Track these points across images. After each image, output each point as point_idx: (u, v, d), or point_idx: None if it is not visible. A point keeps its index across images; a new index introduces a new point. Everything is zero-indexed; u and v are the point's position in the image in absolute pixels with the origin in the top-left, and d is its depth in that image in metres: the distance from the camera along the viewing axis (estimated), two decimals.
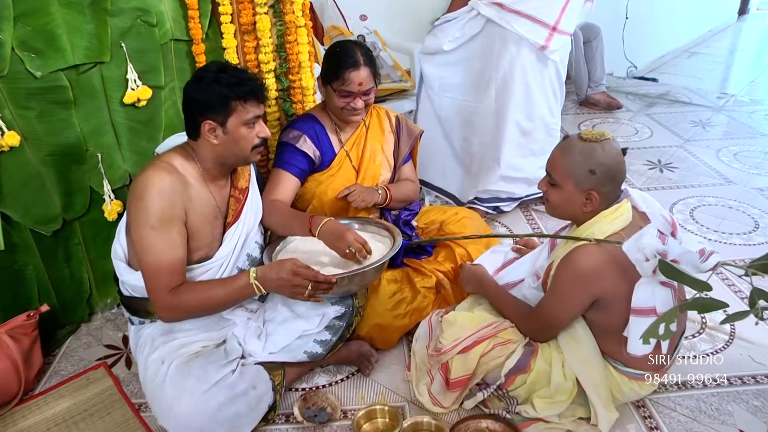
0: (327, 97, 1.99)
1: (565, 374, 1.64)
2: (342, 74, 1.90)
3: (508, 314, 1.76)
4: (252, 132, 1.67)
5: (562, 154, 1.58)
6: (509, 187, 2.82)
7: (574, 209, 1.60)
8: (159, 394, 1.61)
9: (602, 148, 1.53)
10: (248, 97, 1.63)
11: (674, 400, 1.79)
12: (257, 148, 1.70)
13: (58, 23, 1.83)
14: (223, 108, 1.61)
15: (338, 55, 1.93)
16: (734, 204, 2.96)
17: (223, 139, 1.64)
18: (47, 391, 1.92)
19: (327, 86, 1.96)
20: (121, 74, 2.02)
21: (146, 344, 1.72)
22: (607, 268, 1.52)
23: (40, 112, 1.88)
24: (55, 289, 2.12)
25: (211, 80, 1.61)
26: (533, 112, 2.70)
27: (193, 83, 1.65)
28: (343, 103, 1.94)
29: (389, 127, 2.20)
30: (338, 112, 1.99)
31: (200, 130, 1.64)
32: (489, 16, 2.57)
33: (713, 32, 6.93)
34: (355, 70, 1.90)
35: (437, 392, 1.75)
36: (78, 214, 2.08)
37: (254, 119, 1.66)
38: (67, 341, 2.16)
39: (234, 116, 1.63)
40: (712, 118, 4.22)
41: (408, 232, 2.18)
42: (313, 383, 1.92)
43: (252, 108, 1.65)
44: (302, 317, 1.78)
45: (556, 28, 2.54)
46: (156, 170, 1.60)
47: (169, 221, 1.58)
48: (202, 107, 1.62)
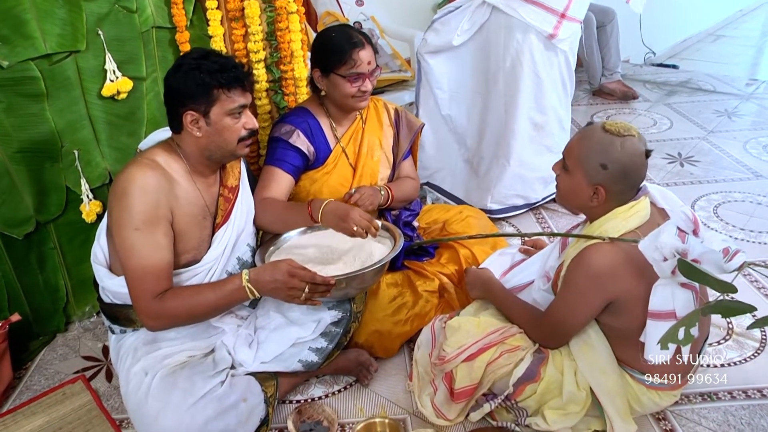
0: (331, 87, 1.99)
1: (578, 383, 1.64)
2: (349, 56, 1.91)
3: (516, 319, 1.76)
4: (238, 123, 1.66)
5: (579, 140, 1.59)
6: (524, 189, 2.81)
7: (580, 201, 1.61)
8: (142, 408, 1.60)
9: (621, 144, 1.51)
10: (232, 85, 1.62)
11: (699, 413, 1.78)
12: (244, 140, 1.69)
13: (26, 7, 1.83)
14: (205, 97, 1.60)
15: (336, 39, 1.94)
16: (764, 200, 2.95)
17: (206, 130, 1.64)
18: (17, 409, 1.91)
19: (330, 75, 1.96)
20: (99, 64, 2.02)
21: (128, 355, 1.71)
22: (622, 267, 1.51)
23: (8, 105, 1.88)
24: (28, 296, 2.11)
25: (192, 67, 1.60)
26: (545, 104, 2.69)
27: (173, 72, 1.65)
28: (355, 88, 1.95)
29: (388, 121, 2.20)
30: (345, 101, 1.99)
31: (182, 122, 1.64)
32: (494, 4, 2.55)
33: (744, 12, 6.89)
34: (362, 49, 1.93)
35: (441, 403, 1.75)
36: (53, 215, 2.08)
37: (239, 109, 1.65)
38: (41, 353, 2.16)
39: (217, 106, 1.62)
40: (740, 106, 4.21)
41: (409, 233, 2.17)
42: (308, 395, 1.92)
43: (237, 97, 1.63)
44: (296, 323, 1.78)
45: (565, 15, 2.53)
46: (139, 167, 1.60)
47: (154, 222, 1.58)
48: (183, 97, 1.61)
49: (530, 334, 1.71)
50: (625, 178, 1.54)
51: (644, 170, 1.57)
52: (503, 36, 2.60)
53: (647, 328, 1.48)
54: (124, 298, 1.65)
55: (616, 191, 1.55)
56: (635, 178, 1.56)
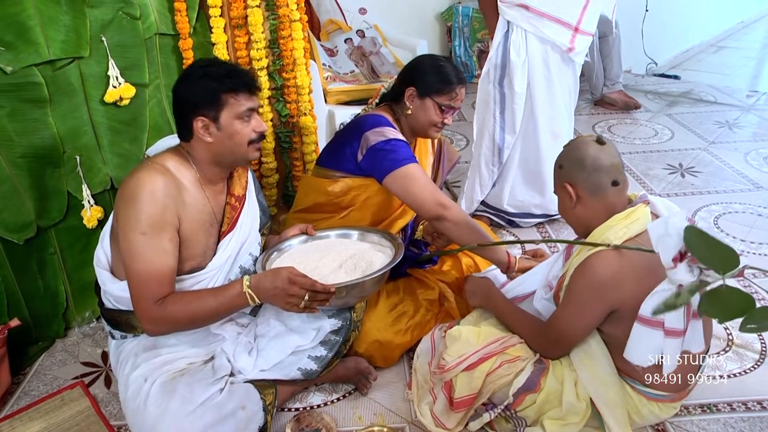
0: (420, 109, 2.00)
1: (578, 394, 1.63)
2: (453, 89, 1.97)
3: (517, 329, 1.75)
4: (248, 126, 1.67)
5: None
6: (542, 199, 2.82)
7: (569, 213, 1.66)
8: (140, 414, 1.60)
9: (568, 144, 1.65)
10: (239, 89, 1.64)
11: (698, 425, 1.77)
12: (254, 143, 1.70)
13: (30, 14, 1.83)
14: (214, 102, 1.62)
15: (447, 69, 1.99)
16: (764, 211, 2.94)
17: (217, 135, 1.65)
18: (15, 414, 1.89)
19: (426, 99, 1.98)
20: (102, 71, 2.02)
21: (128, 360, 1.71)
22: (626, 275, 1.50)
23: (11, 110, 1.88)
24: (28, 302, 2.11)
25: (200, 75, 1.62)
26: (559, 114, 2.70)
27: (181, 82, 1.67)
28: (441, 118, 2.00)
29: (431, 149, 2.27)
30: (426, 127, 2.02)
31: (193, 130, 1.65)
32: (512, 20, 2.57)
33: (745, 24, 6.90)
34: (463, 87, 2.01)
35: (440, 413, 1.74)
36: (54, 220, 2.08)
37: (248, 112, 1.66)
38: (40, 359, 2.15)
39: (226, 110, 1.63)
40: (740, 118, 4.21)
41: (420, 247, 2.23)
42: (306, 403, 1.91)
43: (244, 100, 1.65)
44: (296, 331, 1.77)
45: (578, 29, 2.55)
46: (149, 172, 1.60)
47: (161, 227, 1.58)
48: (193, 105, 1.62)
49: (532, 344, 1.71)
50: (579, 164, 1.57)
51: (601, 154, 1.57)
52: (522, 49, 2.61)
53: (633, 330, 1.46)
54: (126, 303, 1.65)
55: (582, 181, 1.58)
56: (594, 162, 1.56)
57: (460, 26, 5.02)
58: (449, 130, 4.10)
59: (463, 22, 4.99)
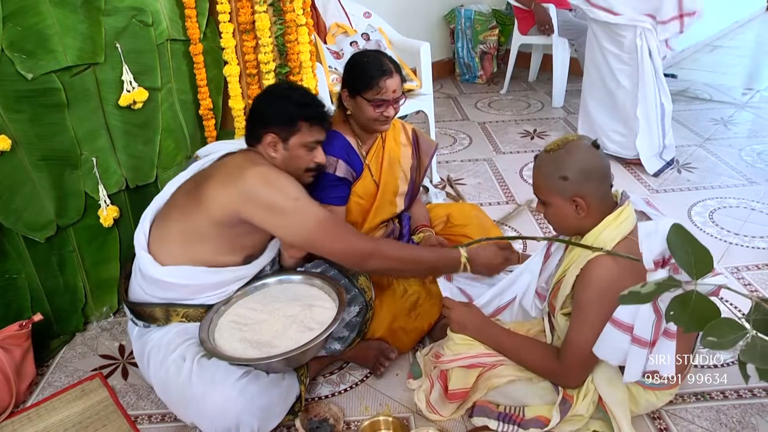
0: (356, 108, 1.99)
1: (584, 394, 1.62)
2: (376, 83, 1.92)
3: (523, 359, 1.66)
4: (310, 155, 1.80)
5: (537, 174, 1.61)
6: None
7: (571, 221, 1.59)
8: (186, 391, 1.60)
9: (566, 152, 1.53)
10: (315, 120, 1.77)
11: (692, 412, 1.79)
12: (311, 171, 1.83)
13: (49, 23, 1.87)
14: (290, 125, 1.74)
15: (368, 64, 1.96)
16: (757, 205, 2.95)
17: (282, 154, 1.77)
18: (40, 404, 1.94)
19: (357, 97, 1.96)
20: (116, 76, 2.05)
21: (159, 347, 1.71)
22: (626, 274, 1.48)
23: (32, 115, 1.91)
24: (49, 297, 2.14)
25: (282, 95, 1.77)
26: None
27: (264, 95, 1.85)
28: (377, 113, 1.95)
29: (405, 140, 2.22)
30: (368, 123, 2.00)
31: (261, 140, 1.77)
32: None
33: (739, 23, 6.87)
34: (390, 78, 1.94)
35: (435, 401, 1.76)
36: (72, 220, 2.11)
37: (315, 143, 1.80)
38: (61, 351, 2.19)
39: (297, 136, 1.76)
40: (735, 115, 4.21)
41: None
42: (315, 393, 1.94)
43: (316, 132, 1.79)
44: None
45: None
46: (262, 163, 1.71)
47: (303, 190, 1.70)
48: (268, 119, 1.75)
49: (546, 374, 1.63)
50: (587, 175, 1.52)
51: (602, 160, 1.55)
52: None
53: (605, 329, 1.48)
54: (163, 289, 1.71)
55: (590, 192, 1.53)
56: (598, 170, 1.54)
57: (463, 28, 5.03)
58: (453, 129, 4.12)
59: (465, 24, 5.00)
